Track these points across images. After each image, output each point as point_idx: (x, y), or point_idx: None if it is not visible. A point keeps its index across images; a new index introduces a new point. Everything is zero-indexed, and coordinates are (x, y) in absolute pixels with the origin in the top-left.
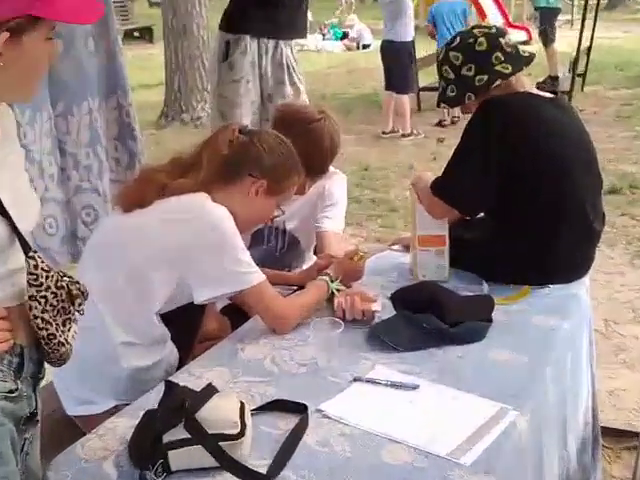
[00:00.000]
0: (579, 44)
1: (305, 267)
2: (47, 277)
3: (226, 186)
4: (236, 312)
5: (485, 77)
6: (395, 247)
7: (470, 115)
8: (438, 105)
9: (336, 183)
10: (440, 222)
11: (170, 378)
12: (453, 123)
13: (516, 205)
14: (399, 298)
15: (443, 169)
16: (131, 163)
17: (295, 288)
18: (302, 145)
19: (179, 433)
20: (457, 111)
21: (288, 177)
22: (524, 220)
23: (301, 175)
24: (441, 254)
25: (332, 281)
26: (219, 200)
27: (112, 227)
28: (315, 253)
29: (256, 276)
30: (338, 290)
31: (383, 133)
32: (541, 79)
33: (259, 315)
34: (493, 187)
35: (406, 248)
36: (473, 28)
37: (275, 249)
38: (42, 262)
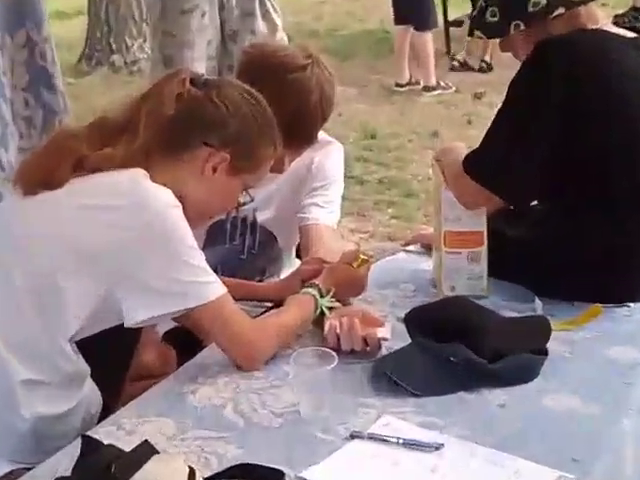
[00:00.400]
0: None
1: (284, 275)
2: None
3: (171, 160)
4: (184, 339)
5: (544, 0)
6: (412, 247)
7: (515, 58)
8: (470, 34)
9: (329, 156)
10: (476, 213)
11: (89, 432)
12: (481, 70)
13: (583, 187)
14: (417, 320)
15: (481, 139)
16: (48, 124)
17: (269, 305)
18: (280, 103)
19: None
20: (491, 54)
21: (260, 148)
22: (594, 207)
23: (278, 145)
24: (477, 258)
25: (322, 295)
26: (161, 179)
27: (8, 216)
28: (298, 255)
29: (213, 288)
30: (330, 309)
31: (397, 85)
32: (621, 11)
33: (217, 343)
34: (551, 164)
35: (427, 249)
36: None
37: (241, 249)
38: None
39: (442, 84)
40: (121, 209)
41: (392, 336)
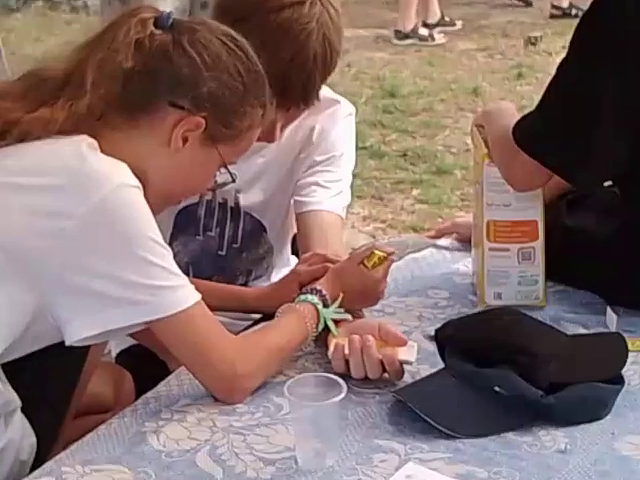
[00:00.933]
0: None
1: (276, 277)
2: None
3: (128, 126)
4: (144, 361)
5: None
6: (444, 241)
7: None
8: None
9: (336, 121)
10: (530, 197)
11: None
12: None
13: None
14: (451, 339)
15: (539, 99)
16: None
17: (256, 317)
18: (269, 51)
19: None
20: None
21: (244, 112)
22: None
23: (268, 108)
24: (530, 257)
25: (326, 305)
26: (114, 151)
27: None
28: (295, 252)
29: (182, 294)
30: (337, 322)
31: (424, 26)
32: None
33: (187, 367)
34: (631, 135)
35: (465, 243)
36: None
37: (219, 243)
38: None
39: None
40: (58, 191)
41: (418, 359)
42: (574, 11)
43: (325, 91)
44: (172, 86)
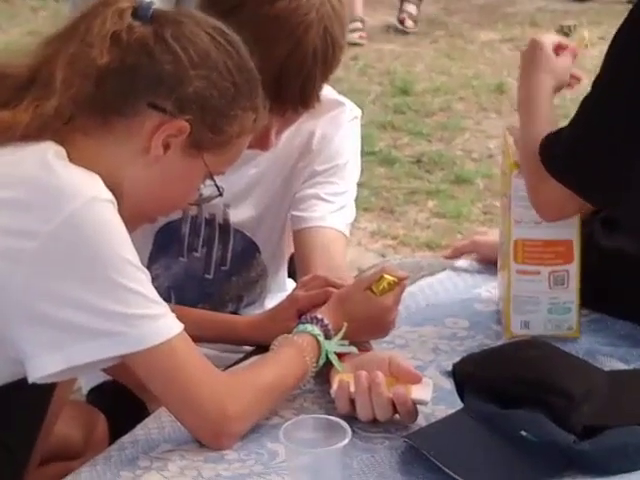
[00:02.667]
0: None
1: (270, 304)
2: None
3: (102, 131)
4: (119, 399)
5: None
6: (462, 262)
7: None
8: None
9: (339, 125)
10: (562, 212)
11: None
12: None
13: None
14: (471, 375)
15: (568, 124)
16: None
17: (248, 350)
18: (263, 47)
19: None
20: None
21: (234, 116)
22: None
23: (261, 111)
24: (563, 281)
25: (328, 336)
26: (85, 160)
27: None
28: (292, 274)
29: (162, 324)
30: (341, 356)
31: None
32: None
33: (168, 407)
34: None
35: (486, 264)
36: None
37: (206, 265)
38: None
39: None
40: (19, 206)
41: (433, 398)
42: None
43: (327, 91)
44: (153, 85)
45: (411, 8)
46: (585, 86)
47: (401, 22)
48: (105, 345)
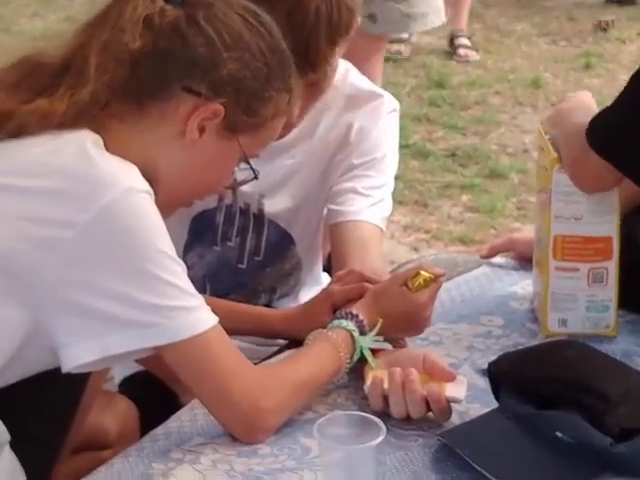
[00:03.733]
0: None
1: (305, 297)
2: None
3: (137, 117)
4: (152, 391)
5: None
6: (499, 259)
7: None
8: None
9: (377, 118)
10: (604, 209)
11: None
12: None
13: None
14: (506, 374)
15: (615, 99)
16: None
17: (282, 344)
18: (263, 8)
19: None
20: None
21: (268, 97)
22: None
23: (295, 92)
24: (602, 279)
25: (363, 332)
26: (121, 147)
27: None
28: (328, 269)
29: (197, 317)
30: (375, 352)
31: None
32: None
33: (202, 400)
34: None
35: (524, 262)
36: None
37: (239, 255)
38: None
39: None
40: (57, 195)
41: (468, 396)
42: None
43: (365, 83)
44: (187, 69)
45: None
46: (622, 81)
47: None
48: (140, 336)
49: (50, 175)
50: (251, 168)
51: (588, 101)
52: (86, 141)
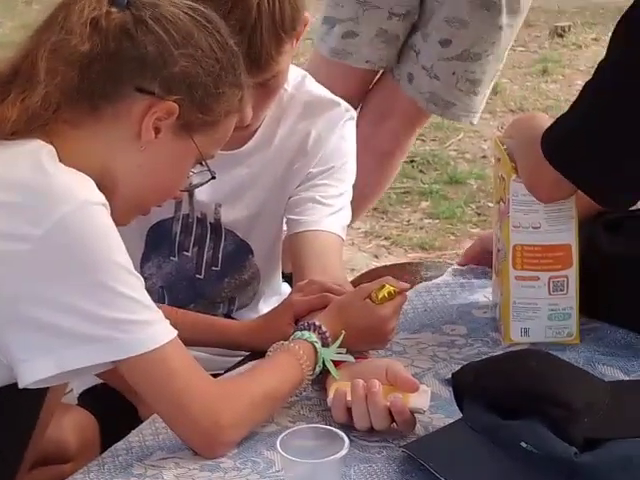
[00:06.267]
0: None
1: (265, 308)
2: None
3: (90, 120)
4: (112, 404)
5: None
6: (459, 267)
7: None
8: None
9: (335, 126)
10: (562, 217)
11: None
12: None
13: None
14: (470, 384)
15: (569, 108)
16: None
17: (242, 355)
18: (234, 21)
19: None
20: None
21: (221, 93)
22: None
23: (246, 88)
24: (563, 287)
25: (325, 344)
26: (76, 152)
27: None
28: (288, 278)
29: (155, 330)
30: (337, 364)
31: None
32: None
33: (160, 415)
34: None
35: (484, 266)
36: None
37: (197, 265)
38: None
39: None
40: (11, 209)
41: (431, 407)
42: None
43: (322, 91)
44: (137, 68)
45: None
46: (578, 86)
47: None
48: (96, 350)
49: (4, 189)
50: (208, 169)
51: (542, 118)
52: (40, 153)
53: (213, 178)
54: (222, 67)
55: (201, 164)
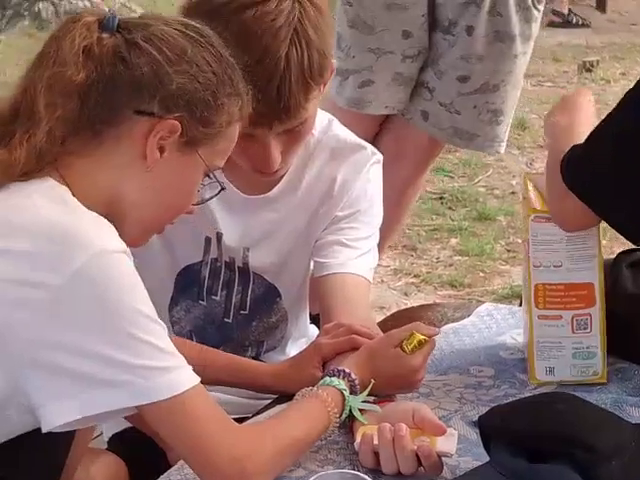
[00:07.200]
0: None
1: (292, 349)
2: None
3: (96, 147)
4: (141, 448)
5: None
6: (486, 308)
7: None
8: None
9: (361, 170)
10: (585, 256)
11: None
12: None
13: None
14: (497, 427)
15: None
16: None
17: (269, 398)
18: (263, 71)
19: None
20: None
21: (221, 105)
22: None
23: (245, 98)
24: (586, 325)
25: (354, 392)
26: (87, 182)
27: None
28: (315, 320)
29: (178, 376)
30: (362, 411)
31: None
32: None
33: (186, 461)
34: None
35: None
36: None
37: (225, 309)
38: None
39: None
40: (28, 256)
41: (459, 450)
42: (574, 19)
43: (348, 135)
44: (135, 91)
45: None
46: None
47: None
48: (118, 396)
49: (20, 235)
50: (217, 180)
51: (585, 115)
52: (55, 196)
53: (223, 189)
54: (219, 79)
55: (209, 176)
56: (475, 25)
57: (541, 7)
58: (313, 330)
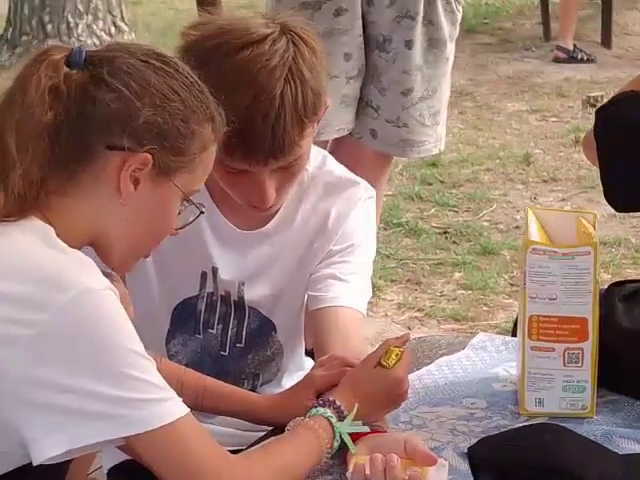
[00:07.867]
0: None
1: (288, 382)
2: None
3: (72, 185)
4: (139, 478)
5: None
6: (479, 340)
7: None
8: None
9: (354, 205)
10: (580, 290)
11: None
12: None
13: None
14: (487, 459)
15: None
16: None
17: (265, 430)
18: (226, 98)
19: None
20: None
21: (192, 132)
22: None
23: (218, 119)
24: (578, 359)
25: (342, 417)
26: (68, 221)
27: None
28: (309, 354)
29: (168, 406)
30: (356, 438)
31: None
32: None
33: None
34: None
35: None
36: None
37: (221, 343)
38: None
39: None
40: (17, 296)
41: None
42: (579, 55)
43: (342, 170)
44: (104, 127)
45: None
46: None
47: None
48: (106, 427)
49: (7, 277)
50: (194, 204)
51: None
52: (39, 238)
53: (202, 213)
54: (187, 106)
55: (186, 202)
56: (413, 38)
57: (461, 8)
58: (309, 363)
